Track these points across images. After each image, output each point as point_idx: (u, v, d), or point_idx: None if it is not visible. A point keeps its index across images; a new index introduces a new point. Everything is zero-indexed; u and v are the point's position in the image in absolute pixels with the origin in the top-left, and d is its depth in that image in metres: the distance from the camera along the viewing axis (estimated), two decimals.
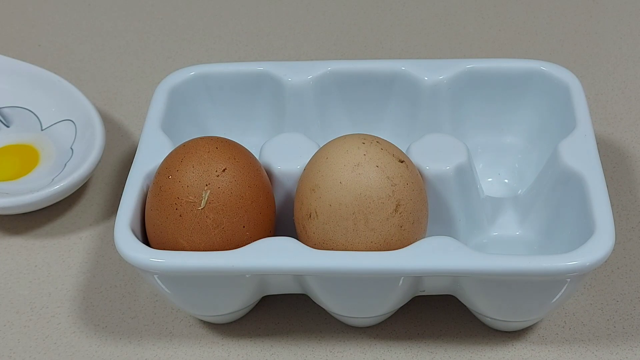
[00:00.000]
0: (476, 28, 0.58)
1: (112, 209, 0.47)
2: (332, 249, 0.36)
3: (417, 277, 0.36)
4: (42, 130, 0.49)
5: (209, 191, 0.36)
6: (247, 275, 0.36)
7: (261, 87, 0.45)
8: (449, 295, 0.39)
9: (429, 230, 0.39)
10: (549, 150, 0.41)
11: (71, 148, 0.48)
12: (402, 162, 0.36)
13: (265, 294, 0.39)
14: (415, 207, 0.36)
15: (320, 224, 0.35)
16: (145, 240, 0.37)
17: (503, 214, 0.42)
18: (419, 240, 0.36)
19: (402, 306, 0.39)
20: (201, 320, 0.41)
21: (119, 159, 0.50)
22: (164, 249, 0.36)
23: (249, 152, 0.38)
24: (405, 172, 0.36)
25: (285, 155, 0.40)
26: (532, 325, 0.39)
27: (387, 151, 0.36)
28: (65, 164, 0.47)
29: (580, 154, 0.39)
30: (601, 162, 0.39)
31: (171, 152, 0.38)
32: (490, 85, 0.44)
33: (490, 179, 0.44)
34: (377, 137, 0.37)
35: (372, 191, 0.35)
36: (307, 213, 0.36)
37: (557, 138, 0.41)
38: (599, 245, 0.35)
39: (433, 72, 0.43)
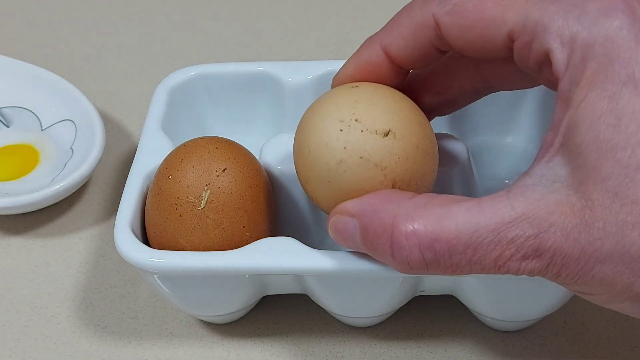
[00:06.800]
0: None
1: (112, 209, 0.47)
2: (332, 248, 0.36)
3: (417, 277, 0.36)
4: (42, 130, 0.49)
5: (209, 191, 0.36)
6: (247, 275, 0.36)
7: (261, 87, 0.45)
8: (449, 295, 0.39)
9: None
10: None
11: (71, 148, 0.48)
12: (386, 134, 0.32)
13: (265, 294, 0.39)
14: (412, 172, 0.32)
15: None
16: (145, 240, 0.37)
17: None
18: None
19: (402, 306, 0.39)
20: (201, 320, 0.41)
21: (119, 159, 0.50)
22: (164, 249, 0.36)
23: (249, 152, 0.38)
24: (393, 145, 0.32)
25: (285, 155, 0.40)
26: (532, 325, 0.39)
27: (369, 130, 0.32)
28: (65, 164, 0.47)
29: None
30: None
31: (171, 152, 0.38)
32: None
33: (490, 179, 0.44)
34: (356, 110, 0.32)
35: (362, 185, 0.32)
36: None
37: None
38: None
39: None
